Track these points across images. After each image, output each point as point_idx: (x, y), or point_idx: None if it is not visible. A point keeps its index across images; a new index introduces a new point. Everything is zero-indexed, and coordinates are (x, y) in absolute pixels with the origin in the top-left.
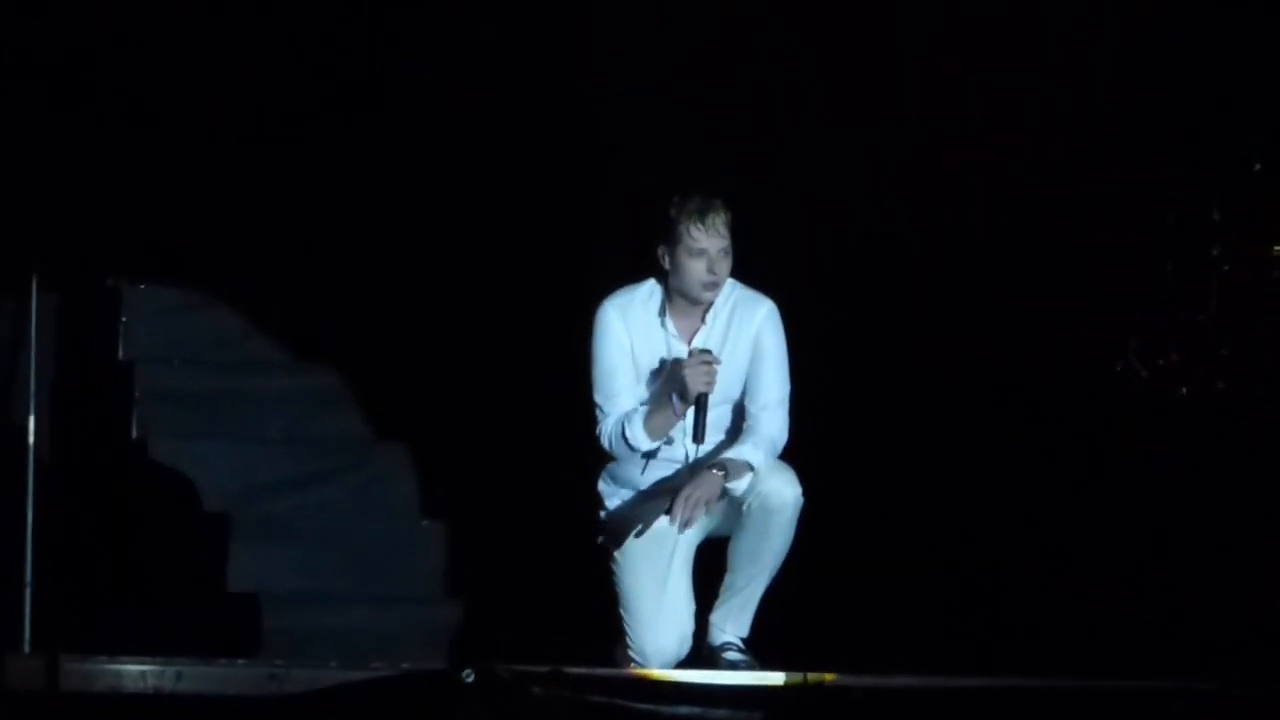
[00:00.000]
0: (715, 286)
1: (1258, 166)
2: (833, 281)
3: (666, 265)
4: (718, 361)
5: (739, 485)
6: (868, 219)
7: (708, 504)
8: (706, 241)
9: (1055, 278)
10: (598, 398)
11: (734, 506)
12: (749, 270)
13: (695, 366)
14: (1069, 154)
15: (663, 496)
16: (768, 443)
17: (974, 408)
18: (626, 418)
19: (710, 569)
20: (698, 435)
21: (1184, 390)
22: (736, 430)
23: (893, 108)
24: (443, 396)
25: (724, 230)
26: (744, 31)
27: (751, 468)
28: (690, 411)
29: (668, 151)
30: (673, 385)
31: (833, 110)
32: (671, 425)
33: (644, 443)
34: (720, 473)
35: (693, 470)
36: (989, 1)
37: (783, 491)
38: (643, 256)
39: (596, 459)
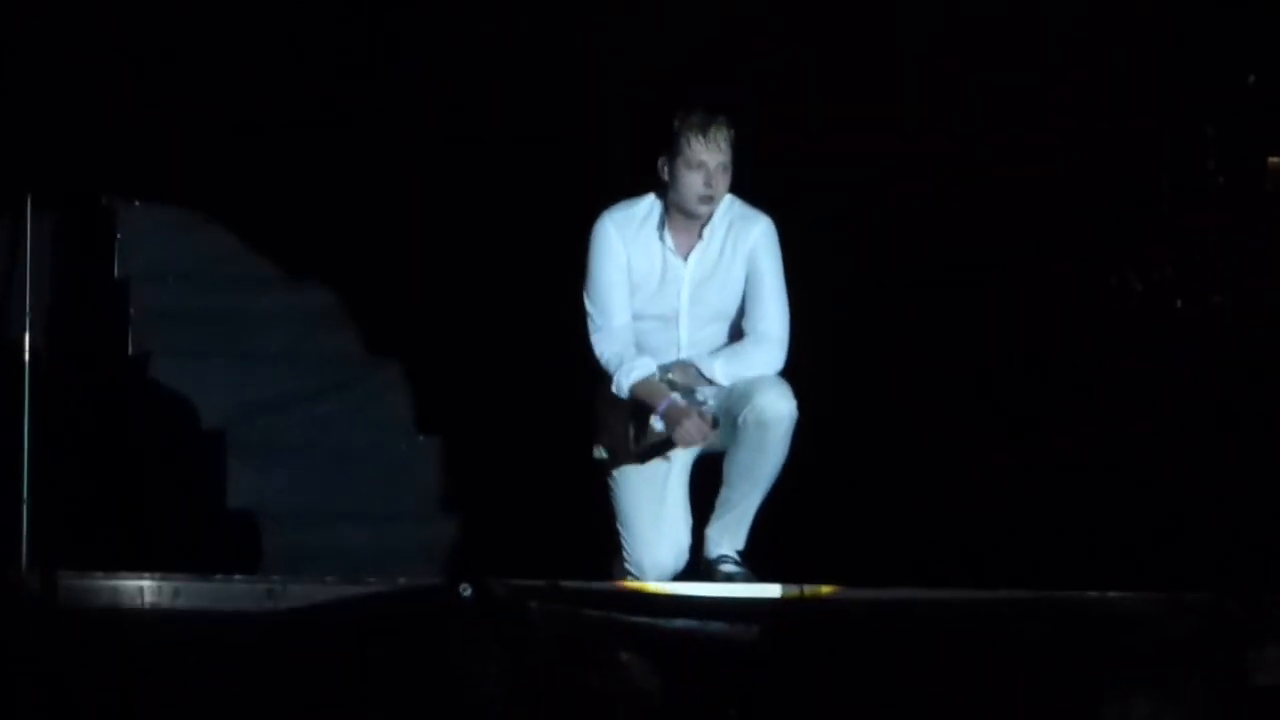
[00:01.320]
0: (711, 201)
1: (1252, 79)
2: (832, 203)
3: (665, 177)
4: (712, 428)
5: (702, 392)
6: (868, 147)
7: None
8: (705, 154)
9: (1050, 194)
10: (591, 309)
11: (729, 421)
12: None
13: (685, 425)
14: (1064, 71)
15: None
16: (744, 357)
17: (969, 320)
18: (621, 365)
19: (707, 483)
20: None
21: (1179, 303)
22: None
23: (887, 58)
24: (438, 312)
25: (725, 146)
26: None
27: (704, 376)
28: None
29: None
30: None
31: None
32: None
33: (626, 394)
34: (669, 378)
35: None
36: None
37: (778, 405)
38: (643, 177)
39: (591, 371)
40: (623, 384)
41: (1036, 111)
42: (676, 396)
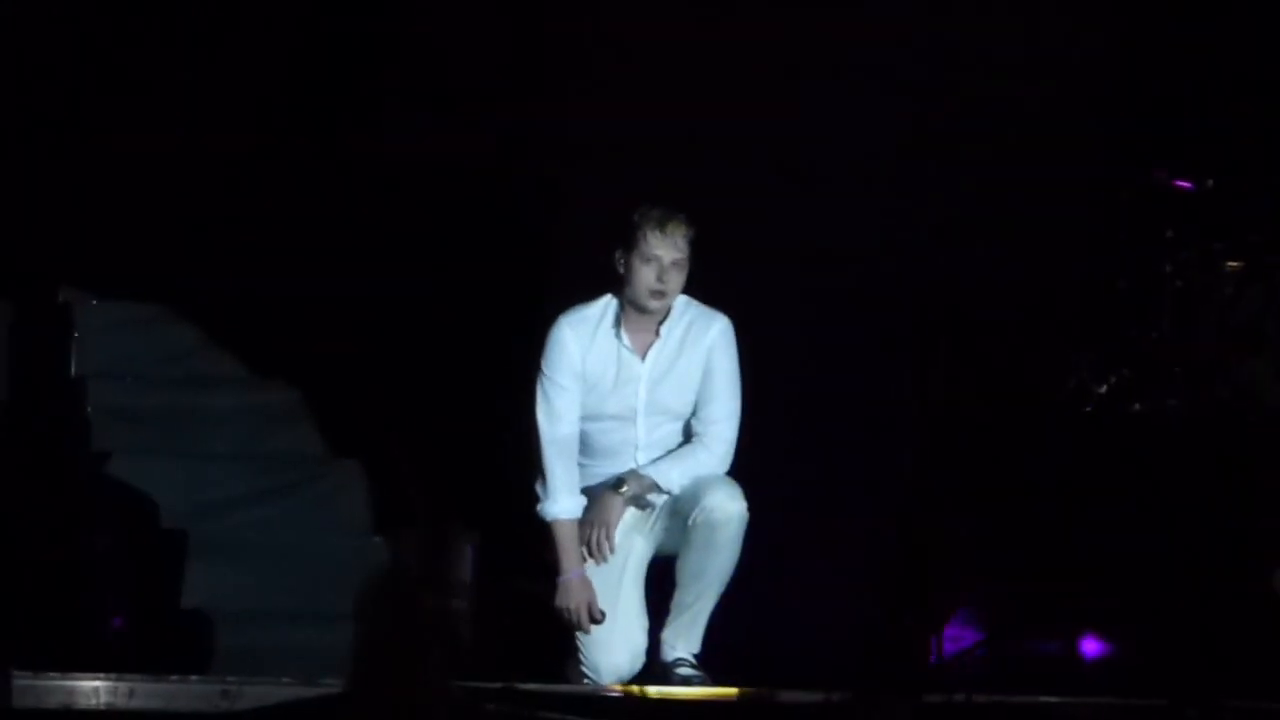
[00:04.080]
0: (662, 296)
1: (1210, 183)
2: (792, 305)
3: (621, 270)
4: (595, 622)
5: (655, 500)
6: (824, 253)
7: (609, 526)
8: (662, 250)
9: (1008, 294)
10: (541, 409)
11: (679, 522)
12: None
13: (573, 605)
14: (1023, 171)
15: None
16: (694, 461)
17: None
18: (550, 494)
19: (664, 584)
20: None
21: (1137, 407)
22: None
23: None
24: (393, 412)
25: (681, 243)
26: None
27: (659, 487)
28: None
29: (630, 167)
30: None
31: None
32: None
33: (546, 519)
34: (624, 492)
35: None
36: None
37: (726, 506)
38: (600, 276)
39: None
40: (546, 511)
41: (993, 216)
42: (582, 571)
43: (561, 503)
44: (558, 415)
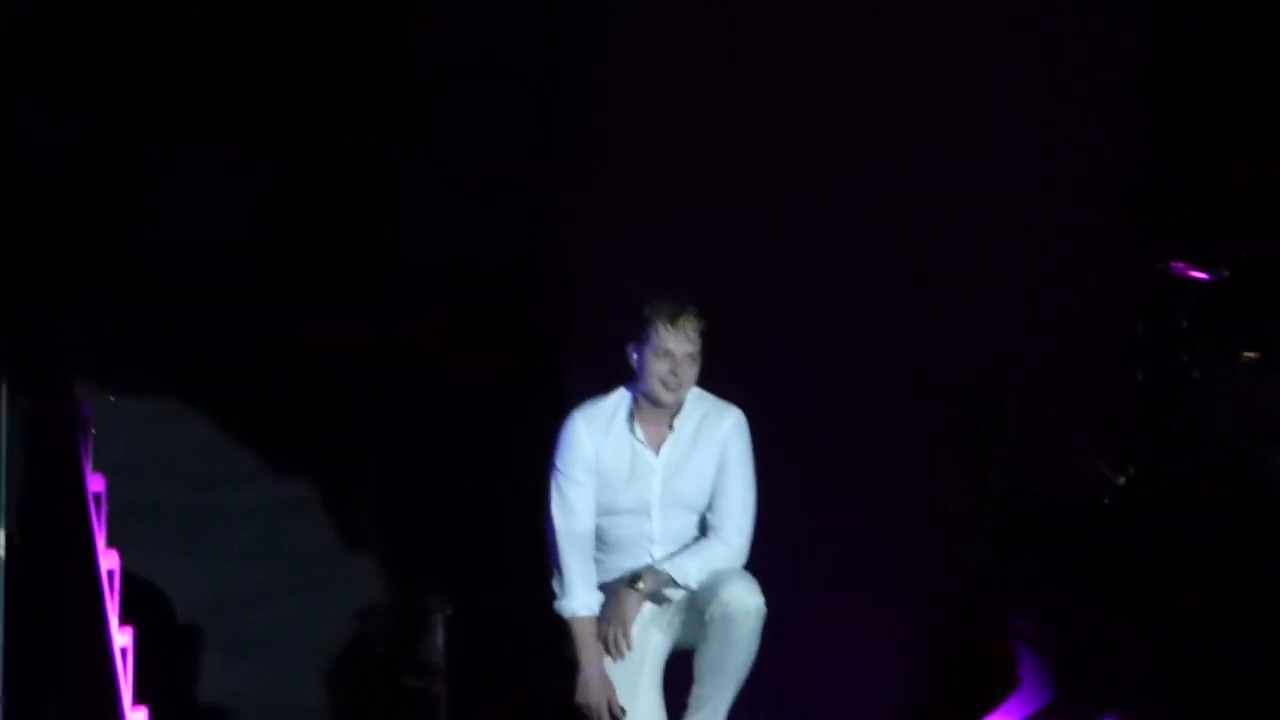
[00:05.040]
0: (675, 390)
1: (1226, 273)
2: (800, 397)
3: (634, 364)
4: (616, 716)
5: (672, 595)
6: (836, 345)
7: (626, 623)
8: (674, 343)
9: (1026, 383)
10: (554, 508)
11: (697, 616)
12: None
13: (593, 700)
14: (1039, 262)
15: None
16: (710, 554)
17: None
18: (568, 590)
19: (682, 679)
20: None
21: (1156, 496)
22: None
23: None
24: (412, 504)
25: (693, 335)
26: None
27: (675, 581)
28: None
29: (640, 258)
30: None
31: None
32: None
33: (564, 616)
34: (640, 588)
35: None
36: (954, 134)
37: (744, 600)
38: (614, 369)
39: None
40: (563, 608)
41: (1010, 305)
42: (602, 668)
43: (579, 598)
44: (573, 510)
